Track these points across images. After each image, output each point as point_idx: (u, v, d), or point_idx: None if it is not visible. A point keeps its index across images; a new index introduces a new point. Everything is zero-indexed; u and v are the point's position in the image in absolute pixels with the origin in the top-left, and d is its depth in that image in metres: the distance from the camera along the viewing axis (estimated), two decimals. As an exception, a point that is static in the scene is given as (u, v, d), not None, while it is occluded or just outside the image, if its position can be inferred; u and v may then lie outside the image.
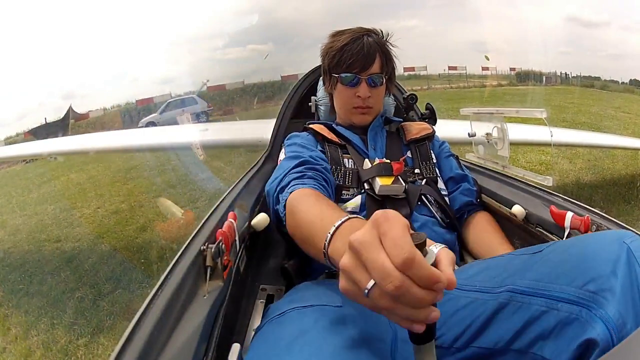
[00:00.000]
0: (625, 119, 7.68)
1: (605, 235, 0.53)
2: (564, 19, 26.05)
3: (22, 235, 3.52)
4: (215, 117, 11.15)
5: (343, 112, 1.02)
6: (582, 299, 0.46)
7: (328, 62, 0.97)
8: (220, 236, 0.61)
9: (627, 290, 0.45)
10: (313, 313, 0.50)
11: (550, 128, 1.31)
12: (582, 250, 0.51)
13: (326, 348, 0.42)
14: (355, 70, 0.93)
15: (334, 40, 0.97)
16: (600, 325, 0.44)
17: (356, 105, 0.97)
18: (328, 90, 1.05)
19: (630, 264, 0.46)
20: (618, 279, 0.46)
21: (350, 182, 0.89)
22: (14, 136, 9.63)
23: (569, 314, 0.47)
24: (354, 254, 0.36)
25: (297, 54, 27.09)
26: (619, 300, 0.44)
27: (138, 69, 19.42)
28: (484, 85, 15.07)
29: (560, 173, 4.02)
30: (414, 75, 15.33)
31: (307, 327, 0.47)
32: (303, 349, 0.43)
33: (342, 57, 0.93)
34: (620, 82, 13.19)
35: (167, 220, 3.23)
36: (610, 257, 0.48)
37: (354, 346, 0.43)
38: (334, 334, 0.45)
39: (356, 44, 0.93)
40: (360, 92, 0.94)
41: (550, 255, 0.53)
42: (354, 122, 1.00)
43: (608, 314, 0.44)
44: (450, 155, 1.03)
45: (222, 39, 21.19)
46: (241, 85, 14.09)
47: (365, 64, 0.93)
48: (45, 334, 1.94)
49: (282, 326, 0.49)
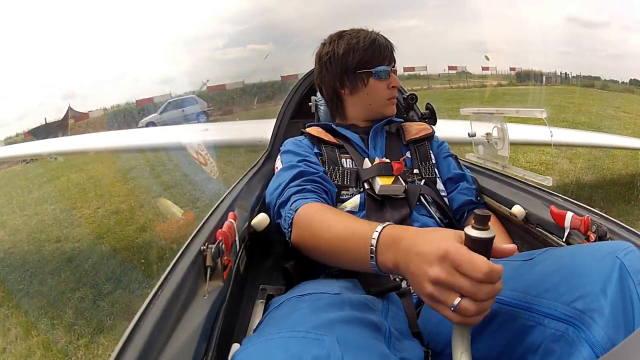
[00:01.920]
0: (626, 118, 7.68)
1: (599, 247, 0.51)
2: (564, 19, 26.06)
3: (22, 236, 3.51)
4: (215, 117, 11.15)
5: (376, 107, 1.01)
6: (570, 317, 0.46)
7: (358, 58, 0.96)
8: (220, 236, 0.61)
9: (618, 310, 0.44)
10: (309, 299, 0.51)
11: (550, 128, 1.30)
12: (573, 263, 0.50)
13: (320, 319, 0.43)
14: (386, 63, 0.98)
15: (349, 39, 0.97)
16: (587, 349, 0.43)
17: (390, 96, 1.00)
18: (347, 92, 1.00)
19: (622, 280, 0.45)
20: (608, 299, 0.44)
21: (349, 182, 0.89)
22: (14, 136, 9.63)
23: (555, 330, 0.47)
24: (438, 284, 0.43)
25: (297, 53, 27.12)
26: (607, 322, 0.43)
27: (138, 69, 19.45)
28: (484, 85, 15.07)
29: (561, 173, 4.02)
30: (414, 75, 15.34)
31: (301, 307, 0.48)
32: (297, 322, 0.44)
33: (375, 51, 0.96)
34: (621, 82, 13.20)
35: (167, 220, 3.23)
36: (600, 273, 0.46)
37: (350, 322, 0.44)
38: (329, 311, 0.46)
39: (379, 39, 0.98)
40: (393, 82, 0.99)
41: (541, 265, 0.53)
42: (386, 114, 1.02)
43: (595, 337, 0.43)
44: (449, 156, 1.03)
45: (222, 39, 21.20)
46: (241, 85, 14.10)
47: (392, 57, 0.99)
48: (46, 334, 1.94)
49: (279, 311, 0.51)
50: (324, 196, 0.80)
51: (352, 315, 0.46)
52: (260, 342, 0.42)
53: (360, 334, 0.43)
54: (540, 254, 0.55)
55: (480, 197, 0.99)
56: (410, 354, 0.50)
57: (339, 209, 0.75)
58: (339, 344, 0.39)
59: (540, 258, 0.54)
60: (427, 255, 0.44)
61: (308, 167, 0.85)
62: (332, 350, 0.38)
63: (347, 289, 0.57)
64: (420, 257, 0.45)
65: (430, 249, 0.44)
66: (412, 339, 0.56)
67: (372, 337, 0.44)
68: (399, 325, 0.56)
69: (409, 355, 0.50)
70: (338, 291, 0.53)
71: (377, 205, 0.84)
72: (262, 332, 0.47)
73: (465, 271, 0.41)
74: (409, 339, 0.55)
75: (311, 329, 0.41)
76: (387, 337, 0.48)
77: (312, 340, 0.40)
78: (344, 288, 0.56)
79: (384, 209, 0.84)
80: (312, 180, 0.81)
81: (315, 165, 0.88)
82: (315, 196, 0.78)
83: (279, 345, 0.40)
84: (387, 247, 0.52)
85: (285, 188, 0.80)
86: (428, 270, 0.43)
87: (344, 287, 0.58)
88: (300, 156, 0.90)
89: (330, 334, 0.40)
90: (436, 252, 0.43)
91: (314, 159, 0.91)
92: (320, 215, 0.69)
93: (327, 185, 0.83)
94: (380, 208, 0.84)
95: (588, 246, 0.56)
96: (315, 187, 0.80)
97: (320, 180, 0.82)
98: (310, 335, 0.40)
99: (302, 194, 0.77)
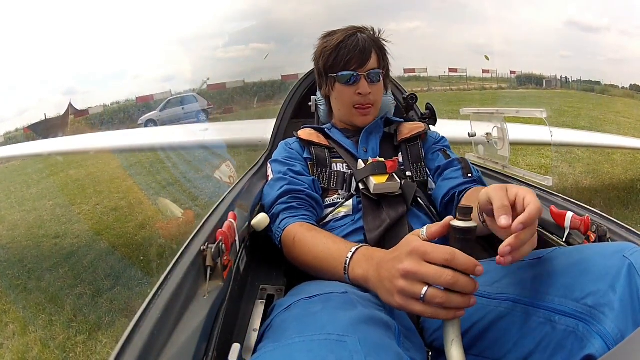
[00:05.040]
0: (626, 123, 7.69)
1: (607, 247, 0.52)
2: (564, 23, 26.07)
3: (20, 231, 3.50)
4: (215, 115, 11.13)
5: (344, 114, 1.00)
6: (580, 313, 0.47)
7: (323, 62, 0.96)
8: (220, 236, 0.61)
9: (627, 304, 0.45)
10: (320, 300, 0.51)
11: (550, 128, 1.31)
12: (582, 262, 0.51)
13: (339, 320, 0.44)
14: (353, 67, 0.92)
15: (326, 40, 0.96)
16: (599, 342, 0.44)
17: (357, 104, 0.96)
18: (324, 93, 1.04)
19: (630, 277, 0.46)
20: (617, 294, 0.45)
21: (335, 185, 0.91)
22: (14, 132, 9.60)
23: (566, 327, 0.47)
24: (407, 276, 0.48)
25: (297, 53, 27.12)
26: (617, 315, 0.44)
27: (139, 66, 19.42)
28: (484, 87, 15.07)
29: (560, 177, 4.02)
30: (414, 76, 15.34)
31: (316, 310, 0.48)
32: (316, 325, 0.44)
33: (339, 55, 0.92)
34: (621, 86, 13.22)
35: (166, 218, 3.23)
36: (609, 272, 0.47)
37: (366, 321, 0.44)
38: (344, 311, 0.46)
39: (351, 41, 0.92)
40: (360, 89, 0.93)
41: (550, 264, 0.53)
42: (356, 124, 0.99)
43: (606, 330, 0.44)
44: (438, 150, 0.99)
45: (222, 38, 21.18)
46: (242, 84, 14.06)
47: (363, 60, 0.92)
48: (44, 330, 1.93)
49: (290, 313, 0.51)
50: (310, 209, 0.85)
51: (365, 314, 0.46)
52: (282, 346, 0.42)
53: (376, 333, 0.44)
54: (548, 253, 0.56)
55: (472, 172, 0.91)
56: (417, 353, 0.51)
57: (320, 229, 0.79)
58: (360, 345, 0.39)
59: (549, 257, 0.55)
60: (398, 256, 0.50)
61: (294, 181, 0.88)
62: (355, 351, 0.38)
63: (351, 287, 0.58)
64: (392, 261, 0.50)
65: (400, 251, 0.51)
66: (418, 337, 0.56)
67: (386, 336, 0.45)
68: (405, 324, 0.56)
69: (416, 353, 0.51)
70: (345, 290, 0.53)
71: (374, 205, 0.84)
72: (280, 335, 0.47)
73: (431, 258, 0.46)
74: (415, 336, 0.56)
75: (332, 331, 0.41)
76: (397, 335, 0.48)
77: (335, 342, 0.40)
78: (348, 286, 0.57)
79: (380, 209, 0.84)
80: (298, 198, 0.85)
81: (301, 176, 0.90)
82: (302, 212, 0.83)
83: (301, 349, 0.40)
84: (358, 264, 0.59)
85: (274, 205, 0.86)
86: (399, 266, 0.48)
87: (348, 285, 0.58)
88: (287, 166, 0.93)
89: (352, 335, 0.40)
90: (406, 250, 0.49)
91: (299, 167, 0.93)
92: (302, 237, 0.75)
93: (311, 202, 0.87)
94: (377, 208, 0.84)
95: (596, 246, 0.57)
96: (302, 204, 0.85)
97: (305, 197, 0.86)
98: (332, 337, 0.40)
99: (289, 212, 0.83)
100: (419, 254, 0.47)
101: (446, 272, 0.45)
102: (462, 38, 30.06)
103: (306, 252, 0.72)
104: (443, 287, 0.46)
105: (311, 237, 0.74)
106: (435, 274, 0.45)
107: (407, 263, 0.48)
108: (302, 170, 0.93)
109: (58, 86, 19.33)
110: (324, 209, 0.90)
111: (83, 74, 17.68)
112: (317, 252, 0.70)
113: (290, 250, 0.77)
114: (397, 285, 0.48)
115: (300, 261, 0.75)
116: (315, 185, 0.91)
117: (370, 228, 0.80)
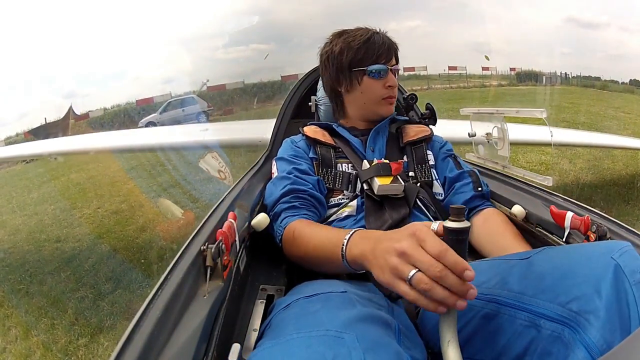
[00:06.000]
0: (626, 119, 7.68)
1: (594, 247, 0.52)
2: (563, 20, 26.05)
3: (22, 235, 3.51)
4: (215, 117, 11.15)
5: (371, 106, 1.00)
6: (565, 318, 0.46)
7: (350, 57, 0.96)
8: (220, 236, 0.61)
9: (613, 311, 0.44)
10: (319, 299, 0.51)
11: (550, 128, 1.30)
12: (568, 264, 0.50)
13: (338, 318, 0.43)
14: (383, 61, 0.96)
15: (347, 37, 0.98)
16: (583, 352, 0.43)
17: (385, 95, 0.98)
18: (344, 89, 1.01)
19: (617, 280, 0.45)
20: (602, 300, 0.44)
21: (340, 185, 0.91)
22: (14, 136, 9.62)
23: (551, 331, 0.47)
24: (402, 256, 0.48)
25: (297, 53, 27.11)
26: (603, 324, 0.43)
27: (139, 69, 19.44)
28: (484, 85, 15.06)
29: (560, 173, 4.02)
30: (414, 75, 15.32)
31: (315, 308, 0.48)
32: (315, 323, 0.44)
33: (369, 50, 0.95)
34: (620, 82, 13.19)
35: (166, 220, 3.23)
36: (594, 274, 0.47)
37: (365, 319, 0.44)
38: (343, 309, 0.46)
39: (378, 37, 0.97)
40: (389, 81, 0.97)
41: (537, 265, 0.53)
42: (381, 114, 1.01)
43: (591, 340, 0.43)
44: (448, 156, 1.01)
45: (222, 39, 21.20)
46: (241, 85, 14.07)
47: (389, 55, 0.97)
48: (46, 334, 1.94)
49: (290, 312, 0.51)
50: (312, 209, 0.86)
51: (365, 312, 0.46)
52: (280, 342, 0.42)
53: (376, 332, 0.43)
54: (537, 253, 0.55)
55: (482, 186, 0.94)
56: (417, 352, 0.51)
57: (321, 224, 0.80)
58: (358, 342, 0.39)
59: (537, 258, 0.54)
60: (398, 236, 0.50)
61: (298, 180, 0.88)
62: (353, 347, 0.39)
63: (351, 286, 0.58)
64: (391, 240, 0.50)
65: (401, 232, 0.51)
66: (418, 337, 0.56)
67: (385, 334, 0.45)
68: (405, 323, 0.56)
69: (416, 352, 0.51)
70: (344, 289, 0.53)
71: (376, 206, 0.85)
72: (279, 333, 0.47)
73: (427, 246, 0.46)
74: (415, 336, 0.56)
75: (331, 327, 0.41)
76: (397, 334, 0.48)
77: (333, 339, 0.40)
78: (348, 285, 0.57)
79: (383, 210, 0.84)
80: (301, 197, 0.86)
81: (306, 176, 0.90)
82: (304, 211, 0.84)
83: (299, 344, 0.40)
84: (355, 245, 0.60)
85: (276, 203, 0.86)
86: (395, 245, 0.48)
87: (348, 284, 0.58)
88: (293, 164, 0.93)
89: (350, 332, 0.41)
90: (407, 231, 0.50)
91: (305, 166, 0.93)
92: (302, 230, 0.76)
93: (314, 202, 0.87)
94: (380, 209, 0.84)
95: (584, 246, 0.56)
96: (304, 204, 0.85)
97: (308, 197, 0.86)
98: (330, 333, 0.41)
99: (291, 211, 0.84)
100: (418, 238, 0.47)
101: (437, 265, 0.45)
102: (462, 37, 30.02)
103: (305, 242, 0.73)
104: (431, 278, 0.46)
105: (310, 230, 0.75)
106: (427, 262, 0.45)
107: (404, 243, 0.48)
108: (308, 169, 0.93)
109: (58, 87, 19.38)
110: (328, 209, 0.90)
111: (83, 74, 17.68)
112: (316, 242, 0.71)
113: (291, 245, 0.77)
114: (391, 262, 0.48)
115: (300, 253, 0.75)
116: (320, 185, 0.91)
117: (372, 228, 0.81)
